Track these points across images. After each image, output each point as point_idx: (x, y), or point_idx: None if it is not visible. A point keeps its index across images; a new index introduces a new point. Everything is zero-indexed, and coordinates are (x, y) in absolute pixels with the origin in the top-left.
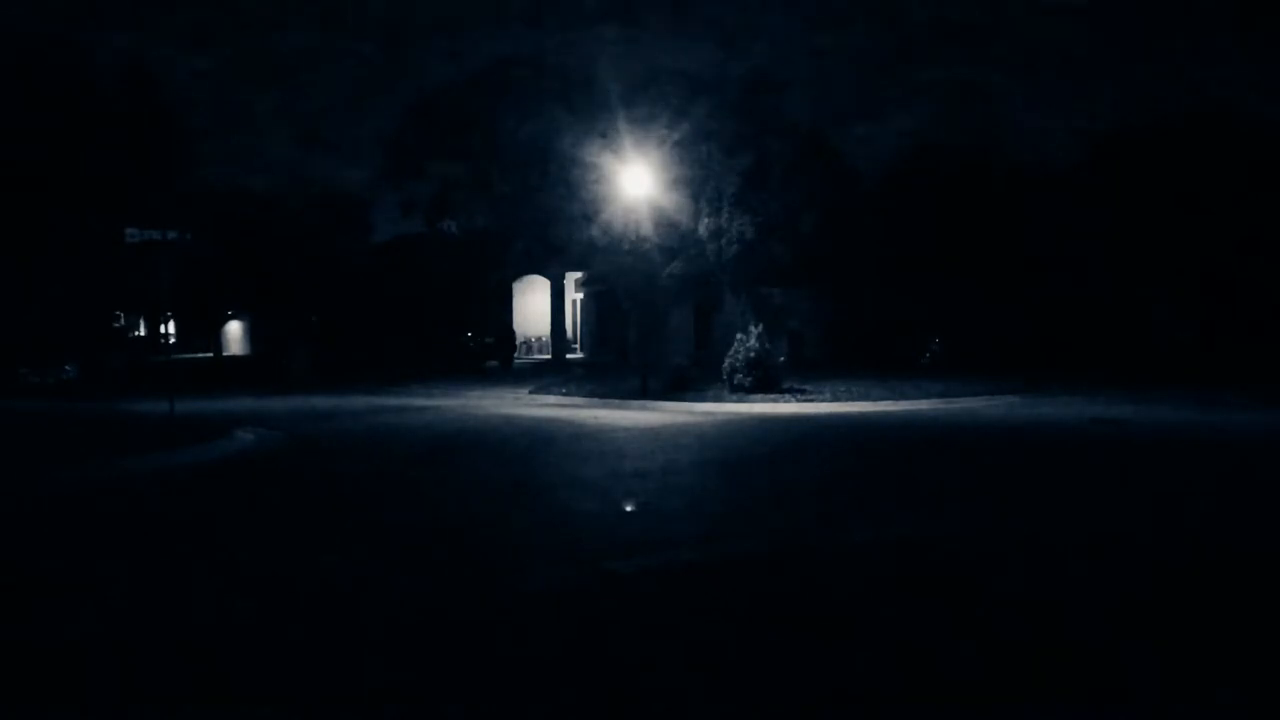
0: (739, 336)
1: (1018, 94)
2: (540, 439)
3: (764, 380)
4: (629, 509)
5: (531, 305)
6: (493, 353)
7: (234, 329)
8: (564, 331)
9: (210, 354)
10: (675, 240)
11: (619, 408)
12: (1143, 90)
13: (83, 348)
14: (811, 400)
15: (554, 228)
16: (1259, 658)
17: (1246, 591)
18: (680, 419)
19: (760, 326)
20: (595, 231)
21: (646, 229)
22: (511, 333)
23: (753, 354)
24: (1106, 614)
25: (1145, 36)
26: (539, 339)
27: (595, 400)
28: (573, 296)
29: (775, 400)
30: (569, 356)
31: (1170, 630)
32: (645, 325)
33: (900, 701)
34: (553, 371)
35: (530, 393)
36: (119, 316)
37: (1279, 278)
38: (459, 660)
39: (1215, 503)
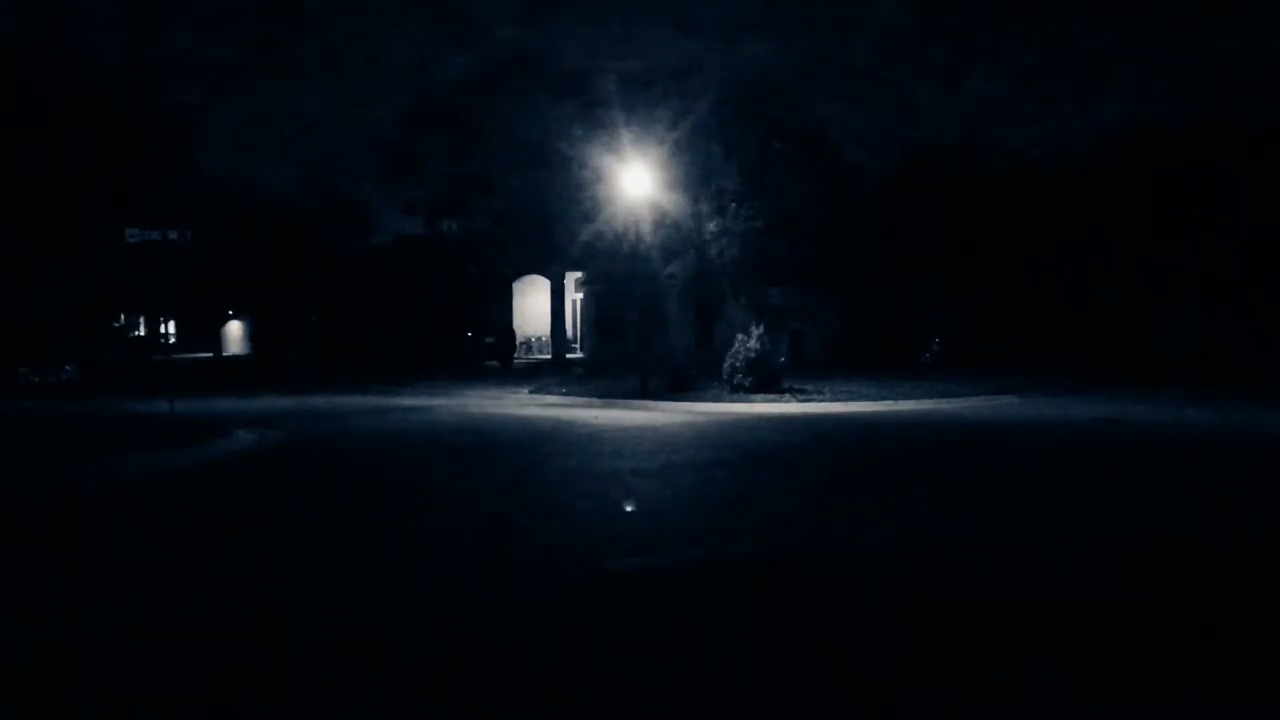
0: (739, 336)
1: (1019, 93)
2: (540, 439)
3: (764, 380)
4: (629, 509)
5: (531, 305)
6: (493, 353)
7: (234, 329)
8: (564, 331)
9: (210, 354)
10: (675, 240)
11: (619, 407)
12: (1145, 90)
13: (83, 348)
14: (812, 400)
15: (554, 228)
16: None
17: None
18: (680, 419)
19: (761, 326)
20: (595, 231)
21: (646, 229)
22: (511, 333)
23: (753, 354)
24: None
25: (1148, 36)
26: (539, 339)
27: (595, 400)
28: (573, 296)
29: (776, 400)
30: (569, 356)
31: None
32: (645, 325)
33: (902, 702)
34: (553, 371)
35: (530, 392)
36: (119, 316)
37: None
38: (456, 663)
39: (1206, 504)
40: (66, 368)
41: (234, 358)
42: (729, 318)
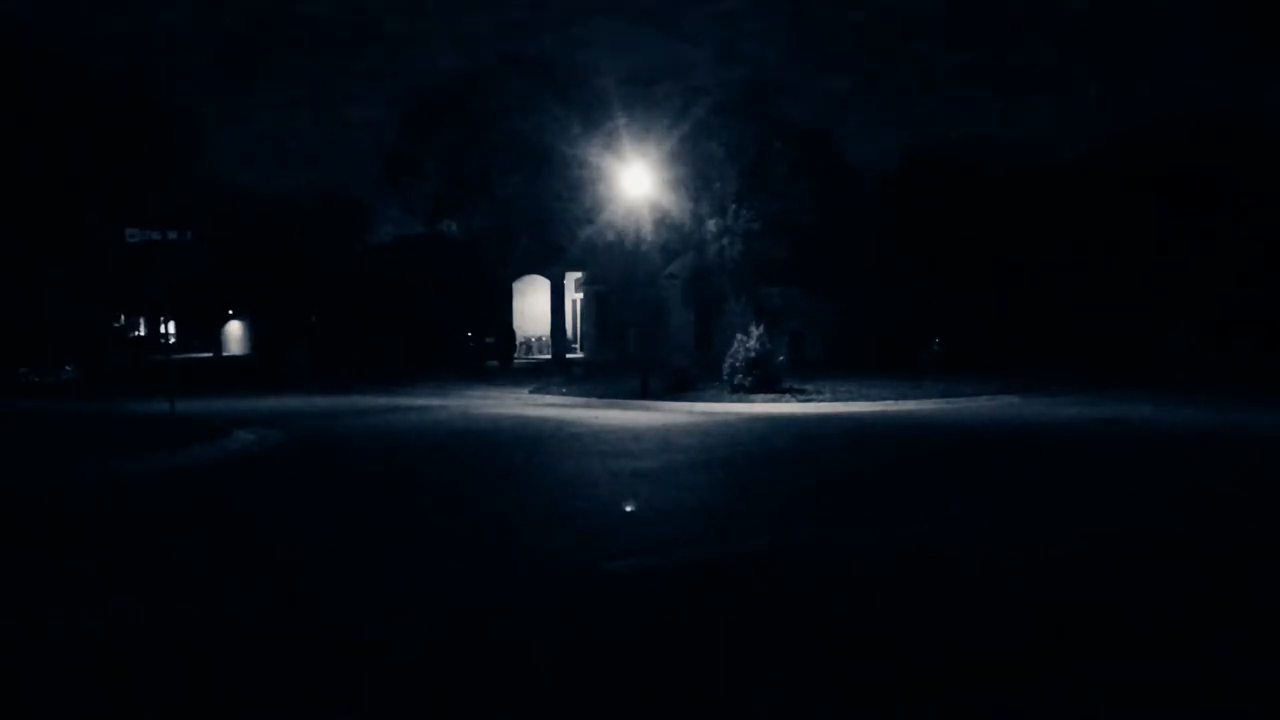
0: (739, 336)
1: (1020, 93)
2: (540, 439)
3: (764, 380)
4: (629, 509)
5: (531, 305)
6: (493, 353)
7: (234, 329)
8: (564, 331)
9: (210, 354)
10: (675, 240)
11: (619, 408)
12: (1146, 90)
13: (83, 348)
14: (812, 400)
15: (554, 228)
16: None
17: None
18: (680, 419)
19: (761, 326)
20: (595, 231)
21: (646, 229)
22: (511, 333)
23: (753, 354)
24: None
25: (1148, 36)
26: (539, 339)
27: (595, 400)
28: (573, 296)
29: (776, 400)
30: (569, 356)
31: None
32: (645, 325)
33: (897, 703)
34: (553, 371)
35: (530, 392)
36: (119, 316)
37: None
38: (456, 663)
39: (1208, 505)
40: (66, 368)
41: (234, 358)
42: (729, 318)
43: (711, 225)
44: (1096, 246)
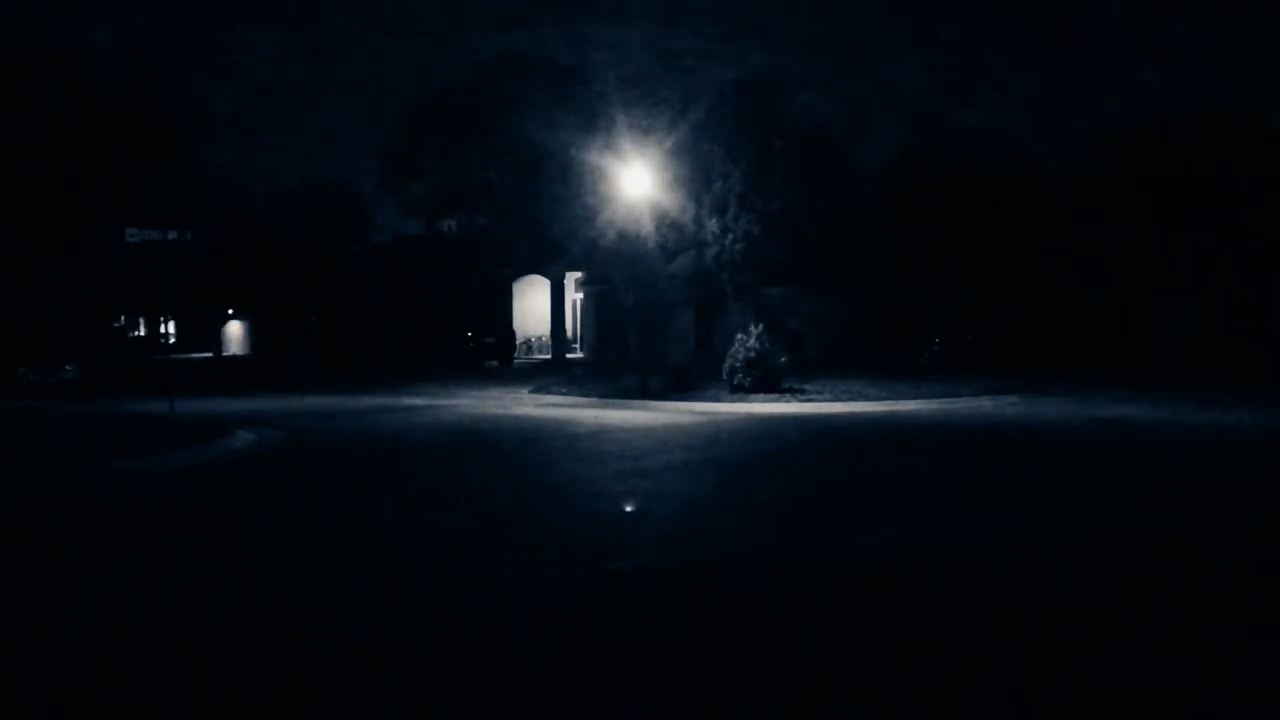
0: (739, 336)
1: (1019, 92)
2: (540, 439)
3: (764, 380)
4: (629, 509)
5: (531, 305)
6: (493, 352)
7: (234, 329)
8: (564, 331)
9: (210, 354)
10: (676, 240)
11: (619, 408)
12: (1144, 88)
13: (83, 348)
14: (812, 400)
15: (554, 228)
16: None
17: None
18: (680, 419)
19: (761, 326)
20: (595, 231)
21: (647, 229)
22: (511, 333)
23: (753, 354)
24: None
25: (1147, 35)
26: (539, 339)
27: (595, 400)
28: (573, 296)
29: (776, 400)
30: (569, 356)
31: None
32: (645, 325)
33: (897, 704)
34: (553, 371)
35: (530, 392)
36: (119, 316)
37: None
38: (456, 664)
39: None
40: (66, 368)
41: (234, 358)
42: (729, 318)
43: (712, 225)
44: (1096, 246)
